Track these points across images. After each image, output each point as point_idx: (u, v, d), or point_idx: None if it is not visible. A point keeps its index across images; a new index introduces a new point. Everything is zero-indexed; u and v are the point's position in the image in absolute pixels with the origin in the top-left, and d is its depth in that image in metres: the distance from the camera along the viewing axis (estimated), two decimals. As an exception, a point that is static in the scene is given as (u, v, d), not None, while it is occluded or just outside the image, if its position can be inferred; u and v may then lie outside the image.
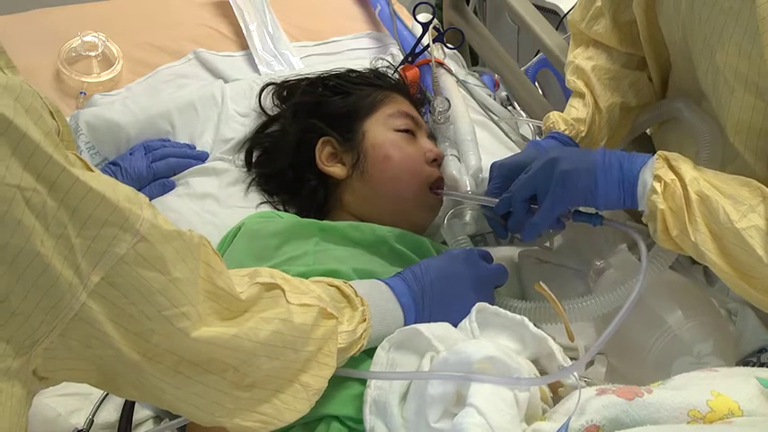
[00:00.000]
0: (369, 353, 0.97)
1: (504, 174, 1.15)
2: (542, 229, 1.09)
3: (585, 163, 1.02)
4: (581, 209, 1.10)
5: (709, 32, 1.00)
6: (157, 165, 1.35)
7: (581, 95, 1.26)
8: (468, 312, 1.00)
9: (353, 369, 0.95)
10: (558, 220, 1.09)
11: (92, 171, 0.64)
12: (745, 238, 0.90)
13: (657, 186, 0.96)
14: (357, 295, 0.92)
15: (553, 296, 1.00)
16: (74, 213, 0.62)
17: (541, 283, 1.03)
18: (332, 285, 0.92)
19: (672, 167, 0.97)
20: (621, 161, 1.01)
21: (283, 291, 0.82)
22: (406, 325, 0.98)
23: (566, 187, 1.02)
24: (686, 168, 0.96)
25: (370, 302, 0.93)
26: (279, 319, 0.79)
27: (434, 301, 1.01)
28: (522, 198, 1.08)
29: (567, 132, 1.22)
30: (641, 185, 0.99)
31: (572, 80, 1.28)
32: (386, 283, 0.99)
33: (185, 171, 1.37)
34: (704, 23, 1.00)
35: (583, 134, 1.23)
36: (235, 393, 0.77)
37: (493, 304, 1.02)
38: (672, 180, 0.96)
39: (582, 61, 1.28)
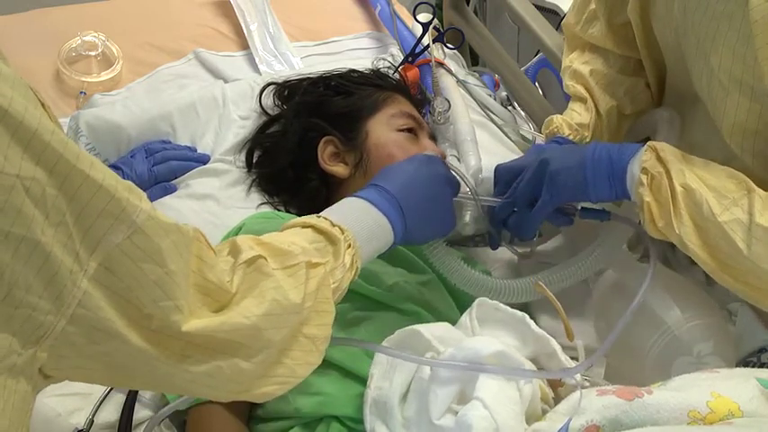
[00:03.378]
0: (369, 353, 0.98)
1: (508, 179, 1.15)
2: (536, 226, 1.09)
3: (575, 159, 1.04)
4: (588, 205, 1.10)
5: (702, 36, 1.00)
6: (159, 168, 1.35)
7: (582, 100, 1.26)
8: (446, 207, 1.04)
9: (355, 367, 0.96)
10: (566, 216, 1.10)
11: (90, 158, 0.63)
12: (727, 231, 0.91)
13: (644, 179, 0.98)
14: (334, 225, 0.89)
15: (552, 296, 1.00)
16: (72, 200, 0.62)
17: (540, 282, 1.03)
18: (306, 226, 0.89)
19: (660, 159, 0.98)
20: (611, 153, 1.02)
21: (265, 259, 0.80)
22: (394, 230, 0.95)
23: (556, 185, 1.04)
24: (673, 160, 0.98)
25: (349, 225, 0.90)
26: (270, 288, 0.78)
27: (418, 196, 0.99)
28: (521, 204, 1.09)
29: (571, 137, 1.22)
30: (630, 178, 1.00)
31: (571, 84, 1.28)
32: (360, 197, 0.97)
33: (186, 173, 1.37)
34: (697, 27, 1.01)
35: (587, 140, 1.23)
36: (244, 367, 0.76)
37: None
38: (659, 173, 0.97)
39: (579, 66, 1.28)
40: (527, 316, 0.98)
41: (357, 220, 0.92)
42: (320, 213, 0.92)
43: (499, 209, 1.14)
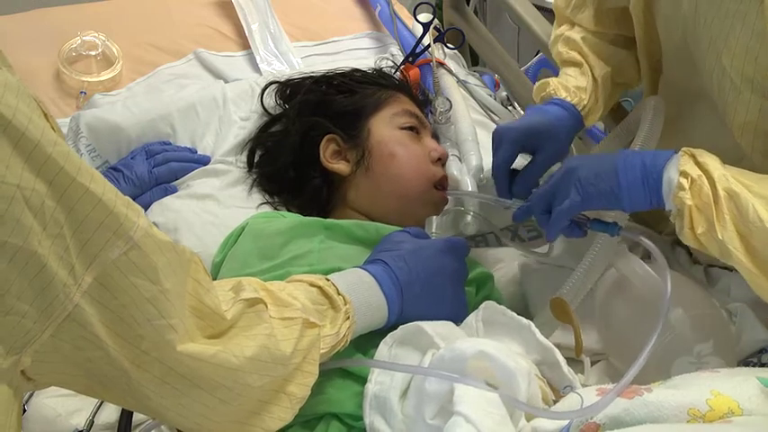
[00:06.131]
0: (369, 353, 0.98)
1: (513, 138, 1.12)
2: (560, 226, 1.03)
3: (606, 165, 0.98)
4: (599, 218, 1.05)
5: (715, 34, 0.99)
6: (159, 170, 1.35)
7: (577, 64, 1.23)
8: (444, 302, 1.02)
9: (355, 366, 0.96)
10: (579, 228, 1.05)
11: (90, 171, 0.64)
12: None
13: (684, 182, 0.92)
14: (339, 294, 0.92)
15: (573, 312, 0.99)
16: (70, 213, 0.62)
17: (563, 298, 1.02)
18: (313, 286, 0.91)
19: (698, 163, 0.94)
20: (644, 159, 0.96)
21: (266, 305, 0.82)
22: (390, 314, 0.97)
23: (587, 190, 0.98)
24: (714, 165, 0.93)
25: (353, 298, 0.93)
26: (263, 335, 0.80)
27: (419, 290, 1.01)
28: (541, 210, 1.05)
29: (569, 99, 1.18)
30: (666, 183, 0.94)
31: (564, 51, 1.25)
32: (370, 273, 0.98)
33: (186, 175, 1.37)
34: (709, 25, 1.00)
35: (585, 102, 1.19)
36: (222, 409, 0.77)
37: (464, 297, 1.05)
38: (699, 176, 0.92)
39: (572, 33, 1.26)
40: (532, 324, 0.97)
41: (361, 296, 0.94)
42: (329, 276, 0.94)
43: (518, 214, 1.10)
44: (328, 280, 0.93)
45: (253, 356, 0.77)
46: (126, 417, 1.00)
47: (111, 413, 1.05)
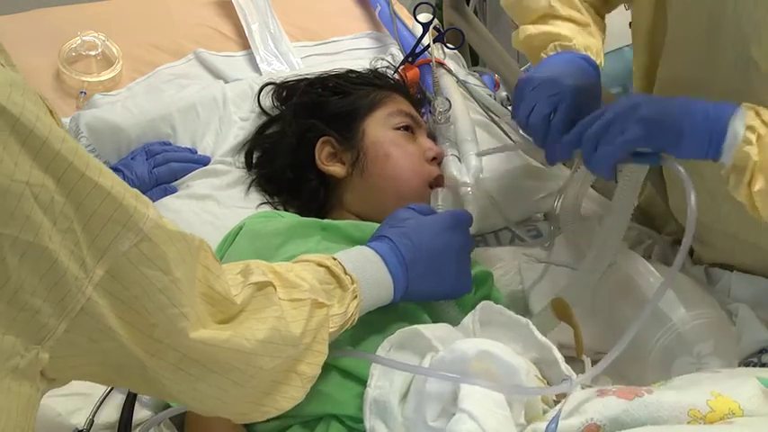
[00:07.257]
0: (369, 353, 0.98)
1: (546, 90, 1.05)
2: (614, 161, 0.97)
3: (670, 107, 0.95)
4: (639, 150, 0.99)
5: (744, 24, 0.98)
6: (159, 170, 1.35)
7: (582, 24, 1.18)
8: (449, 278, 1.03)
9: (355, 367, 0.96)
10: (612, 168, 0.99)
11: (99, 166, 0.65)
12: None
13: (751, 137, 0.90)
14: (346, 273, 0.93)
15: (573, 313, 0.99)
16: (79, 208, 0.63)
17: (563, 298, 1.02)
18: (321, 265, 0.92)
19: (764, 121, 0.91)
20: (707, 109, 0.94)
21: (274, 287, 0.83)
22: (395, 292, 0.98)
23: (649, 131, 0.94)
24: None
25: (360, 277, 0.94)
26: (273, 317, 0.81)
27: (424, 267, 1.01)
28: (589, 147, 0.97)
29: (593, 58, 1.14)
30: (731, 135, 0.91)
31: (558, 6, 1.18)
32: (376, 251, 0.99)
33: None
34: (739, 15, 0.99)
35: (601, 65, 1.16)
36: (235, 391, 0.79)
37: (470, 270, 1.07)
38: (767, 133, 0.90)
39: None
40: (530, 322, 0.97)
41: (367, 274, 0.95)
42: (335, 255, 0.95)
43: (562, 147, 1.03)
44: (335, 259, 0.94)
45: (264, 339, 0.79)
46: (126, 416, 1.01)
47: (111, 413, 1.05)
